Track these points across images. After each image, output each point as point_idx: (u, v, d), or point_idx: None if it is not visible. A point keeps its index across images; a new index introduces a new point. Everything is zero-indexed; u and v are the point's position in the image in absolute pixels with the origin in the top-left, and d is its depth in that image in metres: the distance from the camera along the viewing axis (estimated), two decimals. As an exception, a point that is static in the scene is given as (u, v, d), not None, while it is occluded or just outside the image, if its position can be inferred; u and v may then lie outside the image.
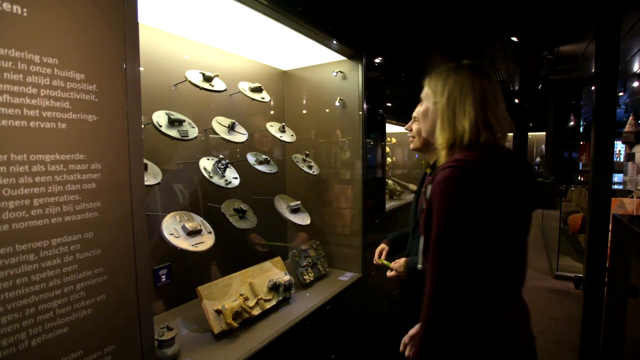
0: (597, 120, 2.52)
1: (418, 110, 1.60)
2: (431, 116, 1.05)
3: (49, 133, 0.70)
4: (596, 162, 2.51)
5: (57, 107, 0.71)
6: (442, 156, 0.99)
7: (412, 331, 1.09)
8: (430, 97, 1.04)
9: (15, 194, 0.65)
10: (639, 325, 1.74)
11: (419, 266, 0.95)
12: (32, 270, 0.68)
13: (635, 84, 7.42)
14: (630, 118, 5.11)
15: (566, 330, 3.28)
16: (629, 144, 4.99)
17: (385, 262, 1.58)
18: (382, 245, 1.72)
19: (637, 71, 6.76)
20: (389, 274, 1.53)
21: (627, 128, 5.06)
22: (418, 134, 1.58)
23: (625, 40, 5.06)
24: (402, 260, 1.51)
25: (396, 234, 1.75)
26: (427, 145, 1.56)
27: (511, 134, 1.16)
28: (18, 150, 0.66)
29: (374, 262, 1.66)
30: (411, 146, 1.62)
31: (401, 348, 1.11)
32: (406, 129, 1.64)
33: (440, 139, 0.98)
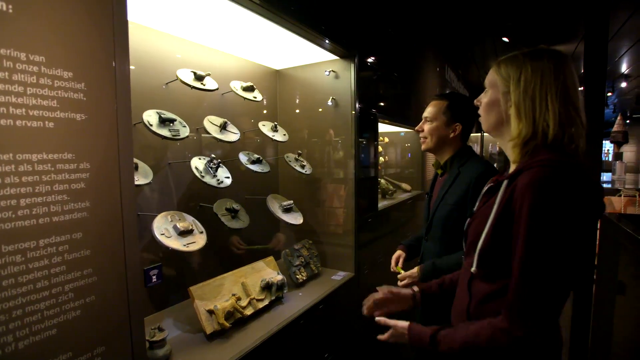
0: (586, 120, 2.56)
1: (430, 111, 1.57)
2: (503, 107, 0.91)
3: (36, 132, 0.69)
4: (585, 161, 2.54)
5: (44, 106, 0.70)
6: (513, 154, 0.88)
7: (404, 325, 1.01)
8: (500, 86, 0.91)
9: (1, 193, 0.64)
10: (627, 321, 1.77)
11: (473, 269, 0.88)
12: (19, 272, 0.67)
13: (623, 85, 7.55)
14: (619, 118, 5.20)
15: (556, 327, 3.31)
16: (617, 144, 5.07)
17: (401, 270, 1.59)
18: (399, 252, 1.70)
19: (625, 72, 6.87)
20: (401, 283, 1.51)
21: (615, 128, 5.14)
22: (430, 135, 1.55)
23: (614, 41, 5.15)
24: (415, 270, 1.52)
25: (411, 239, 1.76)
26: (439, 146, 1.55)
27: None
28: (4, 150, 0.64)
29: (391, 269, 1.67)
30: (423, 147, 1.60)
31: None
32: (417, 130, 1.62)
33: (515, 132, 0.86)
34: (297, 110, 2.22)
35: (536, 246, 0.75)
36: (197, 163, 1.51)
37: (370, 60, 2.31)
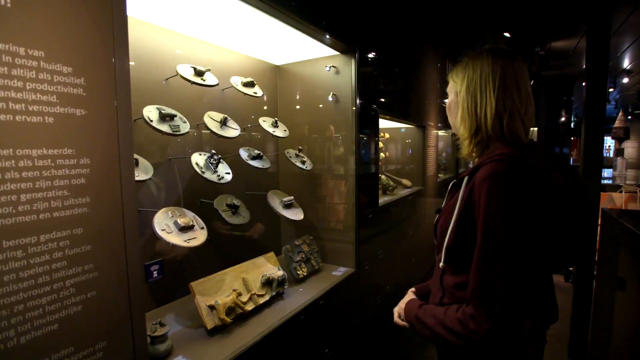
0: (588, 116, 2.55)
1: None
2: (454, 108, 0.98)
3: (36, 127, 0.69)
4: (586, 158, 2.54)
5: (43, 101, 0.69)
6: (464, 147, 0.94)
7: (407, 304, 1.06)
8: (453, 89, 0.99)
9: (2, 189, 0.64)
10: (627, 317, 1.77)
11: (441, 265, 0.92)
12: (20, 267, 0.67)
13: (625, 80, 7.51)
14: (620, 114, 5.18)
15: (556, 323, 3.33)
16: (619, 140, 5.07)
17: None
18: None
19: (627, 67, 6.84)
20: None
21: (616, 124, 5.13)
22: None
23: (616, 37, 5.12)
24: None
25: None
26: None
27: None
28: (4, 145, 0.64)
29: None
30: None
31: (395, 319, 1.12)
32: None
33: (462, 128, 0.93)
34: (298, 106, 2.22)
35: (492, 236, 0.79)
36: (198, 159, 1.51)
37: (370, 55, 2.30)
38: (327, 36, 1.75)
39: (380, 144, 3.20)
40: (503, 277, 0.78)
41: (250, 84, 1.81)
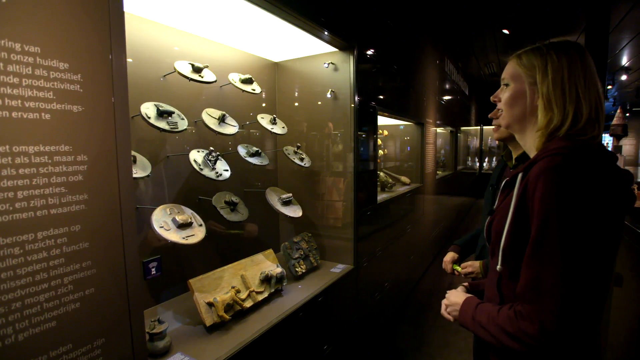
0: (586, 113, 2.55)
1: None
2: (529, 98, 0.89)
3: (33, 124, 0.68)
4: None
5: (40, 97, 0.69)
6: (538, 144, 0.86)
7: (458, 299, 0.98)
8: (524, 77, 0.90)
9: (-2, 186, 0.64)
10: (623, 313, 1.78)
11: (498, 267, 0.86)
12: (18, 264, 0.67)
13: (624, 78, 7.53)
14: (618, 111, 5.18)
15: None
16: (617, 137, 5.06)
17: (457, 268, 1.58)
18: (453, 254, 1.67)
19: (626, 64, 6.84)
20: (463, 271, 1.52)
21: (614, 121, 5.13)
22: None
23: (614, 33, 5.12)
24: (476, 263, 1.52)
25: (466, 237, 1.73)
26: (512, 138, 1.42)
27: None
28: (0, 142, 0.64)
29: (448, 272, 1.63)
30: (496, 135, 1.48)
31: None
32: (491, 117, 1.47)
33: (543, 121, 0.84)
34: (296, 103, 2.21)
35: (547, 230, 0.73)
36: (196, 156, 1.51)
37: (369, 52, 2.29)
38: (326, 33, 1.74)
39: (379, 141, 3.20)
40: (559, 274, 0.72)
41: (248, 81, 1.80)
